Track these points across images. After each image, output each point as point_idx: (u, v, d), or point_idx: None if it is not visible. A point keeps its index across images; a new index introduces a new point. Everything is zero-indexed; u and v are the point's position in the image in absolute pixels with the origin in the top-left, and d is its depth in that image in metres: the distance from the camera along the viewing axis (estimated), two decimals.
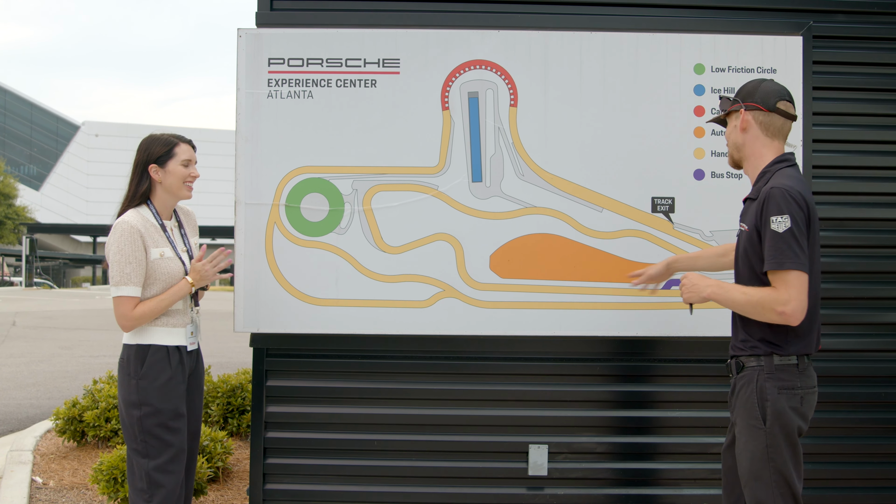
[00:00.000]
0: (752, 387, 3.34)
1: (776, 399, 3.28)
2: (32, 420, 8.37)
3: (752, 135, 3.48)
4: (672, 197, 4.72)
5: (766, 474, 3.29)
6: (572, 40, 4.73)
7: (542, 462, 4.80)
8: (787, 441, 3.28)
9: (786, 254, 3.18)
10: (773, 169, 3.42)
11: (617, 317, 4.70)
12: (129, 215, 3.85)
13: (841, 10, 4.93)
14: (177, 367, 3.88)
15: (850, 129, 4.91)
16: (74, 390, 9.66)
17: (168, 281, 3.87)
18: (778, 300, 3.19)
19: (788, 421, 3.28)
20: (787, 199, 3.21)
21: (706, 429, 4.82)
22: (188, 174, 3.96)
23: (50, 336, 16.75)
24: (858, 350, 4.93)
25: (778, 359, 3.31)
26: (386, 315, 4.70)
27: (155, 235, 3.88)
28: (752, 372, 3.36)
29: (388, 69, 4.72)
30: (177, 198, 4.00)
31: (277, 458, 4.84)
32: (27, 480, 5.93)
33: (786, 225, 3.19)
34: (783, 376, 3.30)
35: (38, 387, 10.56)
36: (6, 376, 11.37)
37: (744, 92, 3.52)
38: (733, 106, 3.53)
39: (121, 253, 3.76)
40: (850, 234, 4.90)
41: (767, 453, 3.28)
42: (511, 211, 4.70)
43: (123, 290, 3.76)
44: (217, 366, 10.63)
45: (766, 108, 3.44)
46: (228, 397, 6.95)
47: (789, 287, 3.18)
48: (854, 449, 4.93)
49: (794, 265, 3.17)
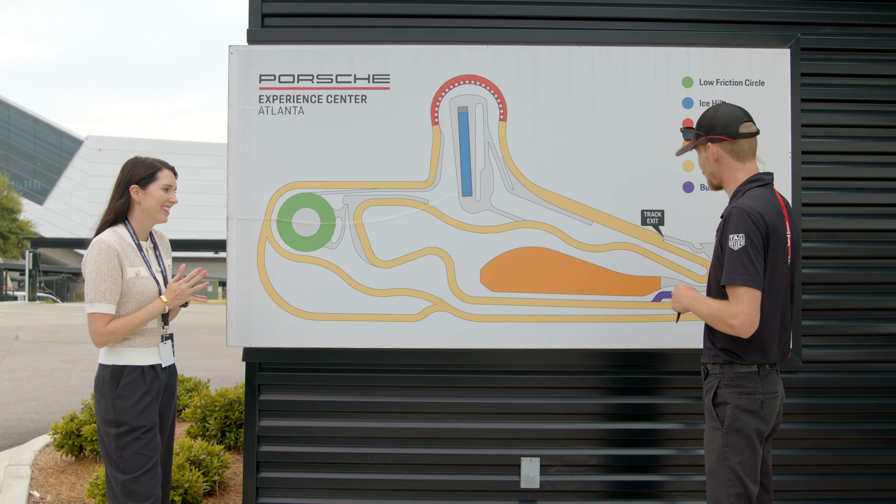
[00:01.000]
0: (714, 391, 3.54)
1: (736, 403, 3.46)
2: (32, 434, 8.39)
3: (725, 163, 3.65)
4: (661, 210, 4.74)
5: (721, 473, 3.48)
6: (561, 55, 4.76)
7: (535, 475, 4.81)
8: (745, 441, 3.45)
9: (738, 270, 3.37)
10: (743, 189, 3.60)
11: (607, 329, 4.72)
12: (107, 234, 3.93)
13: (828, 22, 4.96)
14: (151, 384, 3.94)
15: (839, 141, 4.93)
16: (75, 404, 9.69)
17: (142, 299, 3.94)
18: (728, 313, 3.40)
19: (745, 424, 3.44)
20: (744, 218, 3.40)
21: (697, 440, 4.82)
22: (166, 199, 4.04)
23: (52, 350, 16.77)
24: (849, 361, 4.93)
25: (738, 367, 3.50)
26: (377, 329, 4.72)
27: (131, 255, 3.94)
28: (714, 378, 3.57)
29: (379, 85, 4.76)
30: (153, 220, 4.07)
31: (271, 471, 4.85)
32: (25, 495, 5.95)
33: (740, 243, 3.38)
34: (743, 383, 3.48)
35: (39, 401, 10.57)
36: (8, 391, 11.39)
37: (705, 125, 3.68)
38: (699, 140, 3.69)
39: (97, 271, 3.83)
40: (839, 244, 4.92)
41: (723, 453, 3.47)
42: (501, 225, 4.73)
43: (97, 308, 3.82)
44: (216, 379, 10.68)
45: (730, 138, 3.60)
46: (226, 411, 6.95)
47: (739, 302, 3.38)
48: (846, 460, 4.93)
49: (744, 281, 3.36)
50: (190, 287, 4.03)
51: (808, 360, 4.86)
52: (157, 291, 4.01)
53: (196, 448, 5.81)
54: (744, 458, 3.45)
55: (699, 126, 3.70)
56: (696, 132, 3.71)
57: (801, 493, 4.89)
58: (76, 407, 8.81)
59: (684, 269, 4.72)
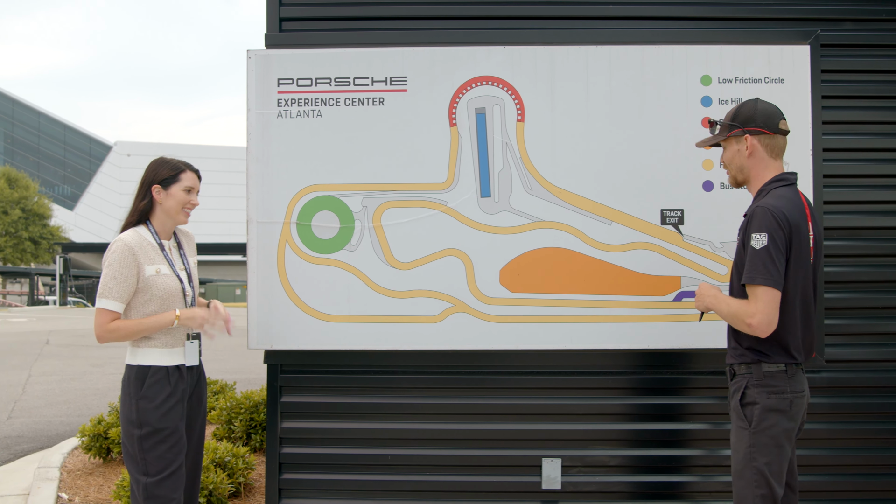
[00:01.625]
0: (742, 392, 3.52)
1: (765, 403, 3.44)
2: (62, 437, 8.47)
3: (758, 157, 3.60)
4: (681, 209, 4.72)
5: (747, 473, 3.45)
6: (578, 54, 4.75)
7: (556, 476, 4.80)
8: (773, 443, 3.42)
9: (758, 269, 3.36)
10: (768, 188, 3.57)
11: (628, 329, 4.71)
12: (127, 234, 3.96)
13: (849, 18, 4.91)
14: (176, 385, 3.95)
15: (861, 138, 4.89)
16: (104, 407, 9.77)
17: (164, 297, 3.96)
18: (746, 312, 3.39)
19: (773, 424, 3.43)
20: (767, 217, 3.39)
21: (719, 441, 4.80)
22: (188, 200, 4.06)
23: (82, 354, 16.92)
24: (873, 360, 4.89)
25: (766, 366, 3.48)
26: (397, 330, 4.74)
27: (151, 253, 3.97)
28: (742, 378, 3.54)
29: (396, 87, 4.77)
30: (174, 221, 4.09)
31: (292, 473, 4.88)
32: (53, 497, 6.01)
33: (762, 243, 3.37)
34: (771, 382, 3.46)
35: (69, 404, 10.68)
36: (38, 394, 11.51)
37: (742, 116, 3.61)
38: (734, 131, 3.61)
39: (110, 268, 3.88)
40: (861, 242, 4.87)
41: (750, 453, 3.45)
42: (520, 225, 4.73)
43: (102, 303, 3.87)
44: (243, 382, 10.74)
45: (770, 132, 3.56)
46: (252, 413, 7.00)
47: (757, 301, 3.37)
48: (870, 460, 4.89)
49: (764, 281, 3.35)
50: (206, 320, 4.00)
51: (830, 359, 4.81)
52: (179, 289, 4.03)
53: (221, 450, 5.85)
54: (771, 459, 3.42)
55: (735, 118, 3.63)
56: (731, 124, 3.63)
57: (826, 494, 4.85)
58: (105, 410, 8.90)
59: (705, 268, 4.70)
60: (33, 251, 58.47)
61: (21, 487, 6.48)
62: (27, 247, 57.76)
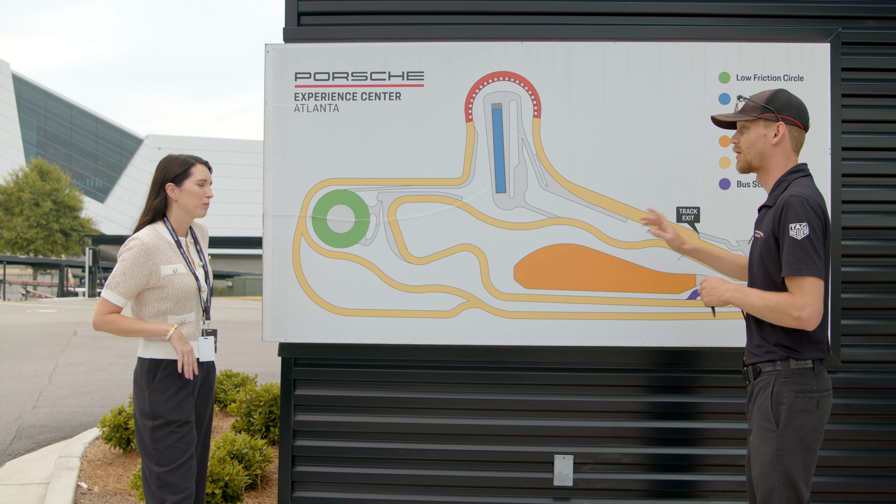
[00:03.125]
0: (769, 391, 3.38)
1: (792, 403, 3.32)
2: (85, 427, 8.56)
3: (783, 147, 3.50)
4: (697, 206, 4.69)
5: (774, 477, 3.32)
6: (595, 50, 4.74)
7: (568, 472, 4.80)
8: (801, 445, 3.31)
9: (803, 260, 3.24)
10: (789, 178, 3.46)
11: (642, 327, 4.69)
12: (145, 232, 4.00)
13: (870, 15, 4.85)
14: (187, 379, 4.00)
15: (881, 137, 4.83)
16: (128, 399, 9.86)
17: (180, 296, 4.01)
18: (794, 305, 3.26)
19: (802, 424, 3.31)
20: (805, 207, 3.28)
21: (733, 440, 4.77)
22: (203, 193, 4.10)
23: (108, 345, 17.07)
24: (891, 361, 4.83)
25: (794, 363, 3.36)
26: (411, 325, 4.75)
27: (168, 252, 4.01)
28: (768, 377, 3.41)
29: (413, 82, 4.78)
30: (192, 215, 4.13)
31: (305, 466, 4.91)
32: (73, 486, 6.08)
33: (804, 232, 3.25)
34: (800, 380, 3.34)
35: (94, 395, 10.78)
36: (64, 384, 11.64)
37: (778, 102, 3.48)
38: (767, 115, 3.49)
39: (123, 263, 3.93)
40: (880, 242, 4.82)
41: (778, 456, 3.32)
42: (535, 221, 4.72)
43: (107, 294, 3.94)
44: (265, 375, 10.81)
45: (802, 126, 3.50)
46: (271, 406, 7.05)
47: (805, 293, 3.25)
48: (887, 462, 4.84)
49: (811, 271, 3.24)
50: (186, 359, 3.96)
51: (847, 359, 4.77)
52: (195, 287, 4.07)
53: (239, 442, 5.89)
54: (798, 462, 3.30)
55: (771, 101, 3.48)
56: (764, 106, 3.48)
57: (841, 496, 4.80)
58: (127, 401, 8.98)
59: None
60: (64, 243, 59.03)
61: (43, 476, 6.57)
62: (58, 238, 58.34)
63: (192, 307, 4.09)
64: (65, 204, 58.94)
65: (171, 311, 4.01)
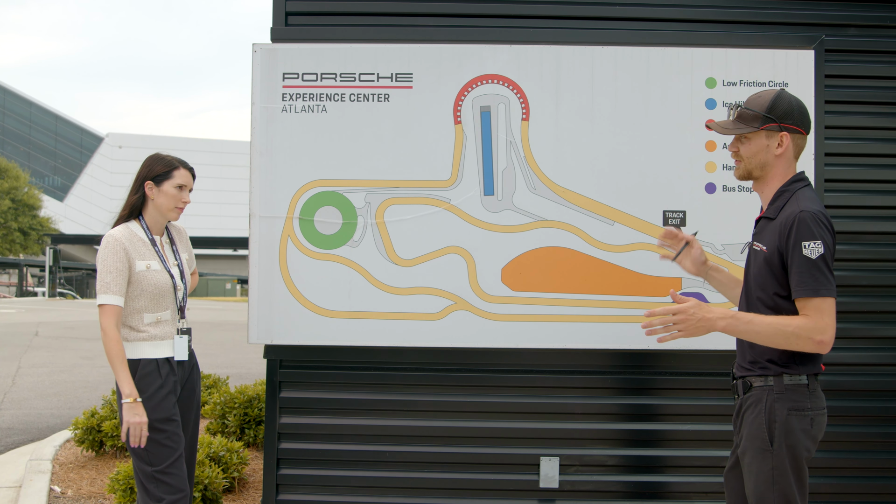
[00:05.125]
0: (761, 406, 3.22)
1: (785, 420, 3.16)
2: (53, 429, 8.44)
3: (787, 157, 3.31)
4: (683, 210, 4.73)
5: (770, 497, 3.18)
6: (584, 54, 4.76)
7: (554, 474, 4.81)
8: (794, 464, 3.16)
9: (820, 281, 3.07)
10: (791, 189, 3.29)
11: (629, 330, 4.71)
12: (117, 229, 3.99)
13: (853, 24, 4.93)
14: (167, 378, 3.98)
15: (863, 143, 4.91)
16: (95, 400, 9.74)
17: (155, 292, 3.98)
18: (816, 329, 3.06)
19: (796, 443, 3.16)
20: (819, 224, 3.11)
21: (717, 442, 4.81)
22: (179, 197, 4.07)
23: (72, 346, 16.86)
24: (871, 364, 4.92)
25: (788, 378, 3.19)
26: (398, 327, 4.74)
27: (141, 249, 3.99)
28: (760, 392, 3.24)
29: (401, 83, 4.77)
30: (164, 218, 4.11)
31: (291, 468, 4.88)
32: (46, 489, 5.99)
33: (819, 251, 3.08)
34: (794, 396, 3.18)
35: (60, 396, 10.64)
36: (28, 386, 11.46)
37: (780, 110, 3.27)
38: (770, 125, 3.28)
39: (103, 263, 3.89)
40: (862, 247, 4.89)
41: (773, 476, 3.17)
42: (523, 224, 4.73)
43: (106, 298, 3.87)
44: (235, 377, 10.71)
45: (805, 132, 3.32)
46: (245, 408, 6.99)
47: (824, 315, 3.07)
48: (863, 463, 4.92)
49: (829, 292, 3.07)
50: (133, 431, 3.85)
51: (828, 362, 4.81)
52: (170, 285, 4.05)
53: (216, 444, 5.84)
54: (794, 479, 3.15)
55: (772, 110, 3.26)
56: (766, 116, 3.26)
57: (823, 496, 4.86)
58: (96, 403, 8.87)
59: None
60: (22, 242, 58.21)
61: (13, 480, 6.46)
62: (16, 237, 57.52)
63: (168, 305, 4.06)
64: (23, 202, 58.12)
65: (147, 309, 3.98)
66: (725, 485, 3.52)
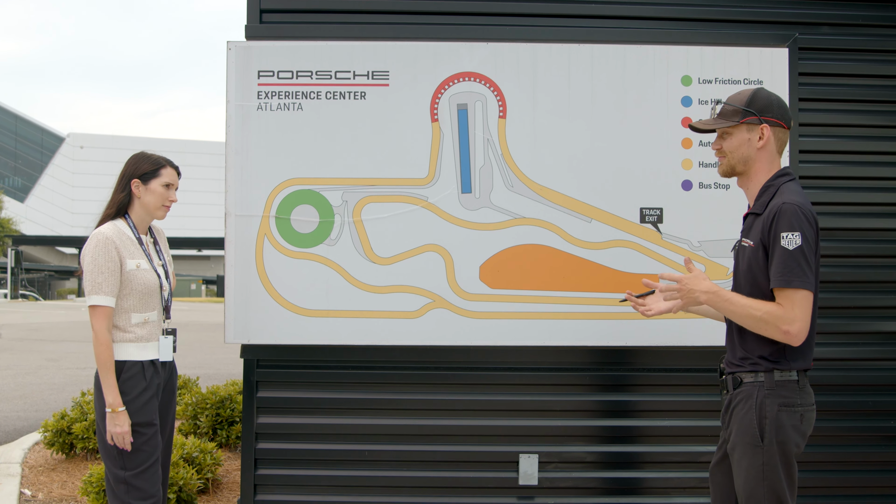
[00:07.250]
0: (752, 402, 3.22)
1: (776, 416, 3.17)
2: (20, 432, 8.33)
3: (768, 150, 3.32)
4: (660, 207, 4.75)
5: (760, 493, 3.18)
6: (561, 53, 4.76)
7: (533, 471, 4.81)
8: (784, 460, 3.17)
9: (794, 272, 3.08)
10: (776, 183, 3.30)
11: (606, 327, 4.73)
12: (106, 227, 3.91)
13: (826, 22, 4.98)
14: (151, 380, 3.93)
15: (836, 140, 4.96)
16: (62, 402, 9.62)
17: (144, 291, 3.92)
18: (784, 318, 3.09)
19: (786, 439, 3.16)
20: (799, 216, 3.12)
21: (695, 437, 4.84)
22: (167, 196, 4.03)
23: (36, 348, 16.67)
24: (849, 359, 4.98)
25: (779, 374, 3.21)
26: (376, 326, 4.72)
27: (131, 248, 3.93)
28: (750, 388, 3.24)
29: (378, 81, 4.75)
30: (151, 216, 4.05)
31: (268, 468, 4.84)
32: (16, 493, 5.91)
33: (796, 242, 3.09)
34: (784, 392, 3.19)
35: (26, 399, 10.51)
36: None
37: (759, 103, 3.30)
38: (749, 118, 3.31)
39: (94, 263, 3.82)
40: (837, 243, 4.94)
41: (763, 471, 3.17)
42: (501, 222, 4.73)
43: (94, 300, 3.81)
44: (205, 377, 10.62)
45: (786, 126, 3.35)
46: (217, 408, 6.94)
47: (795, 306, 3.09)
48: (845, 457, 4.98)
49: (802, 284, 3.08)
50: (116, 440, 3.83)
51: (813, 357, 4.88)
52: (157, 284, 3.99)
53: (189, 445, 5.79)
54: (783, 475, 3.15)
55: (751, 104, 3.30)
56: (745, 109, 3.30)
57: (803, 490, 4.89)
58: (63, 405, 8.75)
59: (683, 266, 4.73)
60: None
61: None
62: None
63: (155, 305, 4.01)
64: None
65: (135, 309, 3.92)
66: (711, 480, 3.52)
